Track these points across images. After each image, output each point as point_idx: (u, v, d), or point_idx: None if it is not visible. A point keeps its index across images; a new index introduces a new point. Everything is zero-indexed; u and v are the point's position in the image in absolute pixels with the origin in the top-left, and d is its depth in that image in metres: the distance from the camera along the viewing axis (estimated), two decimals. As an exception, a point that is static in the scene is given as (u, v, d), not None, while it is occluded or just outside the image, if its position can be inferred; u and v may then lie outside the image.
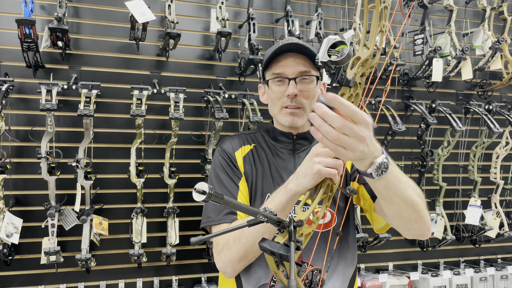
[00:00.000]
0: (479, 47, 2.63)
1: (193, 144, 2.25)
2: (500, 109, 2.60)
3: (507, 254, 2.94)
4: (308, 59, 1.23)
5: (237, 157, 1.29)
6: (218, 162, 1.29)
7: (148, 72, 2.22)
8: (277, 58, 1.24)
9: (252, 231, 1.04)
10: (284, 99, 1.23)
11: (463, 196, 2.69)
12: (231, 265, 1.11)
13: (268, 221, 0.76)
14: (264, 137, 1.37)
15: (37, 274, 2.05)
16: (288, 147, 1.32)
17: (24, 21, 1.74)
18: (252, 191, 1.25)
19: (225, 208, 1.16)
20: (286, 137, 1.32)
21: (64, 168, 1.97)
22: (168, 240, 2.07)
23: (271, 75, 1.25)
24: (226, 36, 2.10)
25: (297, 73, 1.22)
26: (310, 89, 1.23)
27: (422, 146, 2.44)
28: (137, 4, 1.90)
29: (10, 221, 1.88)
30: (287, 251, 0.78)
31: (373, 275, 2.52)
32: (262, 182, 1.25)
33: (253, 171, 1.27)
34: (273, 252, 0.79)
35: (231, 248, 1.09)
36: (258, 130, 1.42)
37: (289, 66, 1.22)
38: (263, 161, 1.29)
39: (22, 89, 2.03)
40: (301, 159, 1.26)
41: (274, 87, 1.25)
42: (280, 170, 1.27)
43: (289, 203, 1.02)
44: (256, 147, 1.33)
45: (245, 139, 1.35)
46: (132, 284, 2.17)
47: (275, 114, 1.28)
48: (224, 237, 1.11)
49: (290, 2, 2.29)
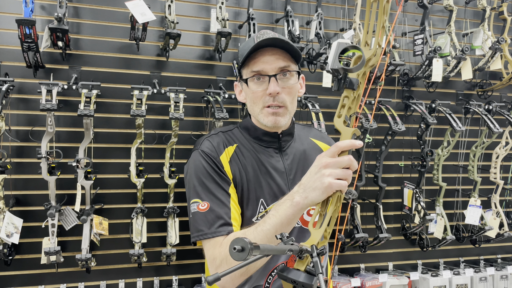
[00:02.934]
0: (479, 47, 2.63)
1: (193, 144, 2.25)
2: (500, 109, 2.60)
3: (507, 254, 2.94)
4: (286, 53, 1.17)
5: (223, 162, 1.19)
6: (202, 168, 1.17)
7: (148, 72, 2.22)
8: (254, 54, 1.16)
9: None
10: (265, 98, 1.16)
11: (463, 196, 2.69)
12: (232, 281, 1.04)
13: (294, 253, 0.74)
14: (244, 136, 1.28)
15: (37, 274, 2.05)
16: (274, 146, 1.26)
17: (24, 21, 1.74)
18: (243, 197, 1.18)
19: (217, 218, 1.09)
20: (271, 137, 1.25)
21: (64, 168, 1.97)
22: (168, 240, 2.07)
23: (249, 73, 1.18)
24: (226, 36, 2.11)
25: (277, 69, 1.15)
26: (291, 85, 1.18)
27: (422, 146, 2.44)
28: (137, 4, 1.90)
29: (10, 221, 1.88)
30: (310, 279, 0.75)
31: (373, 275, 2.52)
32: (254, 186, 1.19)
33: (242, 176, 1.19)
34: (295, 281, 0.75)
35: (231, 263, 0.98)
36: (234, 126, 1.33)
37: (268, 63, 1.14)
38: (250, 162, 1.22)
39: (22, 89, 2.03)
40: (288, 156, 1.25)
41: (253, 86, 1.18)
42: (270, 172, 1.21)
43: (295, 217, 0.97)
44: (239, 147, 1.24)
45: (226, 139, 1.26)
46: (132, 284, 2.17)
47: (256, 114, 1.21)
48: (223, 251, 1.04)
49: (290, 2, 2.29)
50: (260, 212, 1.17)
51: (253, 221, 1.16)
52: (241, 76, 1.23)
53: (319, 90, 2.39)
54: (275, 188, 1.20)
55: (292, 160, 1.26)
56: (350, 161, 0.90)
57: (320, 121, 2.15)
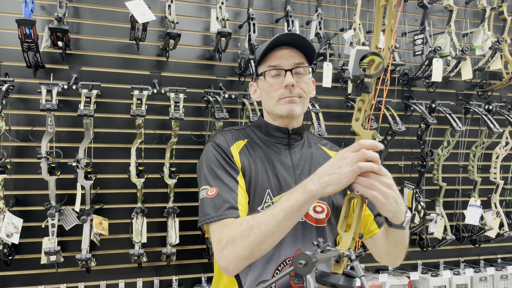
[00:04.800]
0: (479, 47, 2.63)
1: (193, 144, 2.25)
2: (500, 109, 2.60)
3: (507, 254, 2.95)
4: (301, 53, 1.25)
5: (233, 152, 1.24)
6: (213, 157, 1.21)
7: (148, 72, 2.22)
8: (271, 53, 1.24)
9: (263, 229, 1.00)
10: (281, 90, 1.22)
11: (463, 196, 2.69)
12: (235, 263, 1.05)
13: (335, 258, 0.80)
14: (255, 133, 1.34)
15: (37, 274, 2.05)
16: (283, 142, 1.30)
17: (24, 21, 1.74)
18: (250, 186, 1.21)
19: (224, 202, 1.12)
20: (281, 132, 1.30)
21: (64, 168, 1.97)
22: (168, 240, 2.07)
23: (266, 67, 1.25)
24: (226, 36, 2.11)
25: (293, 65, 1.22)
26: (306, 80, 1.25)
27: (422, 146, 2.44)
28: (137, 4, 1.90)
29: (10, 221, 1.88)
30: (350, 282, 0.80)
31: (373, 275, 2.53)
32: (261, 177, 1.22)
33: (251, 166, 1.23)
34: (335, 285, 0.79)
35: (237, 244, 1.02)
36: (247, 126, 1.39)
37: (284, 58, 1.22)
38: (259, 156, 1.26)
39: (22, 89, 2.03)
40: (296, 154, 1.29)
41: (270, 79, 1.24)
42: (277, 165, 1.25)
43: (306, 204, 0.98)
44: (249, 142, 1.30)
45: (237, 135, 1.31)
46: (132, 284, 2.17)
47: (271, 107, 1.26)
48: (230, 233, 1.05)
49: (290, 2, 2.29)
50: (266, 202, 1.20)
51: (258, 210, 1.19)
52: (257, 73, 1.30)
53: (319, 90, 2.39)
54: (282, 181, 1.23)
55: (300, 157, 1.30)
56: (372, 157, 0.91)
57: (320, 121, 2.15)
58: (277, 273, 1.15)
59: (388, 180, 0.92)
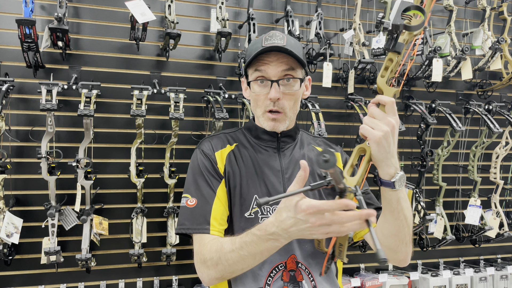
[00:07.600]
0: (479, 47, 2.63)
1: (193, 144, 2.25)
2: (500, 109, 2.60)
3: (507, 254, 2.95)
4: (290, 56, 1.17)
5: (217, 158, 1.23)
6: (196, 166, 1.22)
7: (148, 72, 2.22)
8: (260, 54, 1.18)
9: (230, 264, 1.02)
10: (266, 102, 1.19)
11: (463, 196, 2.69)
12: (209, 281, 1.10)
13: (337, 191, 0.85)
14: (245, 136, 1.33)
15: (37, 274, 2.05)
16: (272, 145, 1.28)
17: (24, 21, 1.74)
18: (236, 193, 1.20)
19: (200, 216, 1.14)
20: (270, 136, 1.28)
21: (64, 168, 1.97)
22: (168, 240, 2.07)
23: (253, 72, 1.21)
24: (226, 36, 2.11)
25: (281, 74, 1.17)
26: (293, 91, 1.19)
27: (422, 146, 2.44)
28: (137, 4, 1.90)
29: (10, 221, 1.88)
30: None
31: (373, 275, 2.53)
32: (248, 182, 1.21)
33: (236, 172, 1.22)
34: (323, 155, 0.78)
35: (209, 267, 1.07)
36: (239, 128, 1.38)
37: (272, 66, 1.16)
38: (246, 160, 1.25)
39: (22, 89, 2.04)
40: (286, 157, 1.28)
41: (256, 88, 1.21)
42: (265, 170, 1.23)
43: (276, 248, 0.98)
44: (238, 146, 1.28)
45: (226, 139, 1.30)
46: (132, 284, 2.17)
47: (258, 115, 1.25)
48: (204, 253, 1.08)
49: (290, 2, 2.29)
50: (253, 208, 1.19)
51: (245, 216, 1.18)
52: (246, 75, 1.27)
53: (319, 90, 2.39)
54: (270, 186, 1.21)
55: (290, 160, 1.28)
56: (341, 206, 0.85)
57: (320, 121, 2.14)
58: (269, 279, 1.13)
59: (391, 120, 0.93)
